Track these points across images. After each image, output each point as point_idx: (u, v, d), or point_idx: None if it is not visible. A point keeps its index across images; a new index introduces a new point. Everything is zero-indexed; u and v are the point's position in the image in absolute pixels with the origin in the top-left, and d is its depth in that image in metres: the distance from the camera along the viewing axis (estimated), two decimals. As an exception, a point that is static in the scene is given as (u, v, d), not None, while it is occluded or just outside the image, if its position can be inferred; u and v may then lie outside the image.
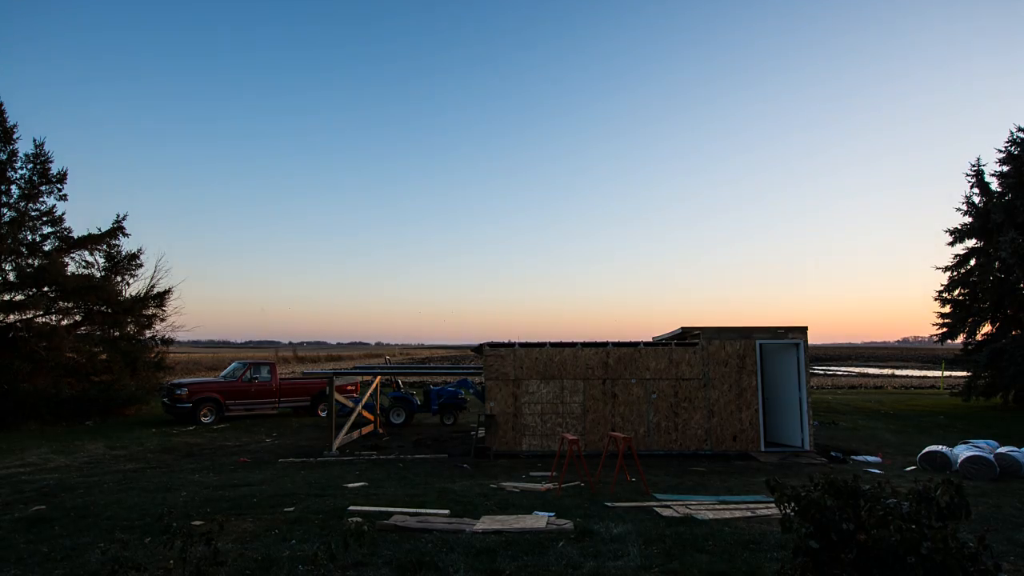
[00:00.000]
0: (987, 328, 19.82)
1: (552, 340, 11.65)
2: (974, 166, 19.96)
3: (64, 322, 17.39)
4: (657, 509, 6.70)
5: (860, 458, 10.54)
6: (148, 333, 19.16)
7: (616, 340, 11.64)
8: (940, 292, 20.47)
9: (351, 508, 6.51)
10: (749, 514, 6.44)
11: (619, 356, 11.49)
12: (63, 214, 17.77)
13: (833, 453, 10.86)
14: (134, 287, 19.22)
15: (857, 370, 49.19)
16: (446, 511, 6.34)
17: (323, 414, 17.88)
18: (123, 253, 18.81)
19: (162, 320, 19.42)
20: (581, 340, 11.62)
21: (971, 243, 20.06)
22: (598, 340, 11.65)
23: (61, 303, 17.12)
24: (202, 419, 16.26)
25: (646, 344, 11.62)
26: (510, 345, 11.59)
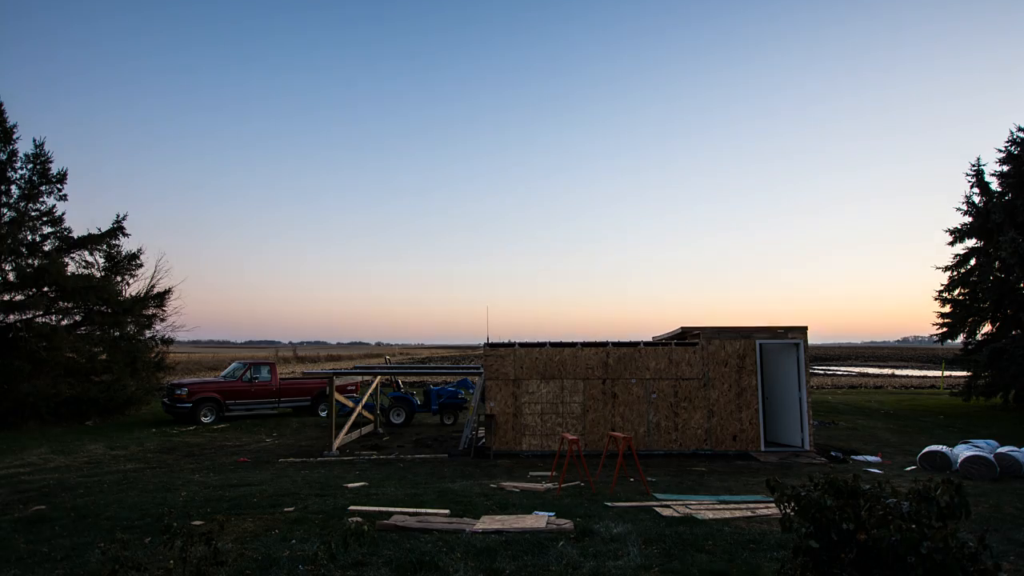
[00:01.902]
0: (987, 328, 19.80)
1: (552, 340, 11.65)
2: (974, 166, 19.95)
3: (64, 322, 17.39)
4: (657, 509, 6.71)
5: (860, 458, 10.54)
6: (148, 333, 19.13)
7: (616, 340, 11.64)
8: (940, 292, 20.46)
9: (351, 508, 6.51)
10: (749, 514, 6.44)
11: (619, 356, 11.48)
12: (63, 214, 17.78)
13: (833, 453, 10.86)
14: (134, 287, 19.19)
15: (857, 370, 49.15)
16: (446, 511, 6.35)
17: (323, 414, 17.88)
18: (123, 253, 18.79)
19: (162, 320, 19.41)
20: (581, 340, 11.62)
21: (971, 243, 20.04)
22: (598, 340, 11.65)
23: (61, 303, 17.11)
24: (202, 419, 16.26)
25: (646, 344, 11.62)
26: (510, 345, 11.58)
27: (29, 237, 17.14)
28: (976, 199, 19.83)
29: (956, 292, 20.25)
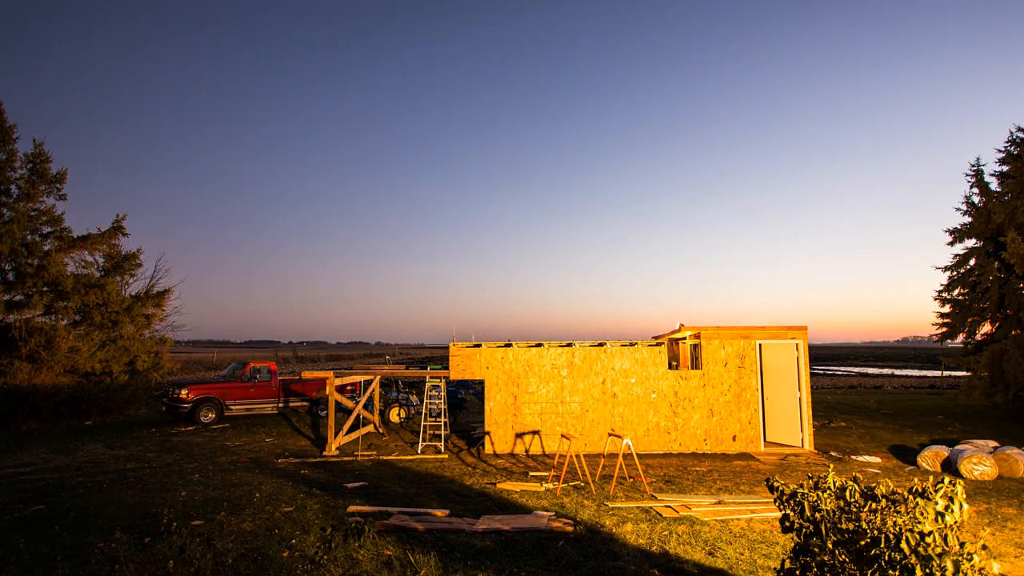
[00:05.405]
0: (987, 328, 19.81)
1: (551, 340, 11.64)
2: (974, 166, 19.96)
3: (63, 322, 17.39)
4: (657, 509, 6.71)
5: (860, 458, 10.55)
6: (147, 333, 19.13)
7: (616, 340, 11.63)
8: (940, 292, 20.49)
9: (351, 508, 6.52)
10: (749, 514, 6.45)
11: (617, 355, 11.48)
12: (63, 214, 17.75)
13: (833, 453, 10.86)
14: (133, 287, 19.15)
15: (857, 370, 49.15)
16: (446, 511, 6.35)
17: (323, 414, 17.88)
18: (122, 253, 18.78)
19: (162, 320, 19.39)
20: (580, 340, 11.63)
21: (971, 243, 20.07)
22: (598, 340, 11.65)
23: (60, 303, 17.12)
24: (202, 419, 16.25)
25: (645, 344, 11.62)
26: (508, 346, 11.58)
27: (28, 237, 17.14)
28: (976, 199, 19.85)
29: (956, 292, 20.27)
